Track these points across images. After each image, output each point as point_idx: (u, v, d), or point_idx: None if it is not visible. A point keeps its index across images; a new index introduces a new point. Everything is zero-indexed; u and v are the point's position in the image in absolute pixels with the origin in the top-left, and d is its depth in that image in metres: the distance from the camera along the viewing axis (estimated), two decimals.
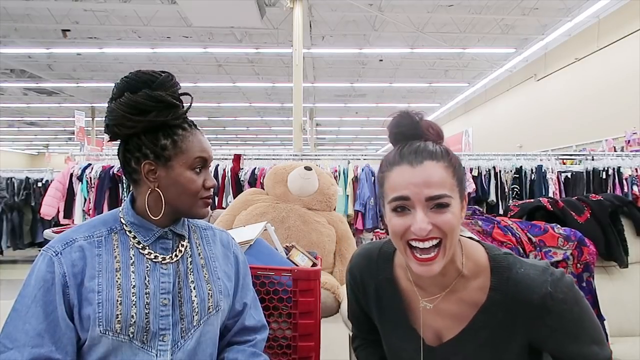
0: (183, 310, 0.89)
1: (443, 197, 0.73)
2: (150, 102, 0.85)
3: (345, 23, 8.89)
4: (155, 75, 0.87)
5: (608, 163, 4.72)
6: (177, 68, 11.51)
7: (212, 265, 0.98)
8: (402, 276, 0.88)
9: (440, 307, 0.83)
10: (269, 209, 2.22)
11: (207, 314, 0.92)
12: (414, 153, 0.76)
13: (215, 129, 20.07)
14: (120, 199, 4.43)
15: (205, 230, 1.03)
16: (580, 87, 8.92)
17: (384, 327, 0.90)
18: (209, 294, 0.93)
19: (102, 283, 0.84)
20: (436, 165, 0.75)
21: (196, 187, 0.90)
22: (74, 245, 0.86)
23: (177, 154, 0.88)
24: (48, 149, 24.92)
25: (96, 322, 0.81)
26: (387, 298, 0.89)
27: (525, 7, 8.12)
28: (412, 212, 0.74)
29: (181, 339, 0.88)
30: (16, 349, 0.77)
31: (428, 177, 0.73)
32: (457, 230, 0.76)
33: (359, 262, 0.95)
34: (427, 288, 0.84)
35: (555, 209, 1.81)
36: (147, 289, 0.87)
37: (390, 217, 0.77)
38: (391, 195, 0.76)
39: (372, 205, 4.58)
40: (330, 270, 2.27)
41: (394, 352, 0.89)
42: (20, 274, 5.16)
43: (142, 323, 0.84)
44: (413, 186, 0.73)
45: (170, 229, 0.93)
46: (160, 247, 0.92)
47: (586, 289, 1.57)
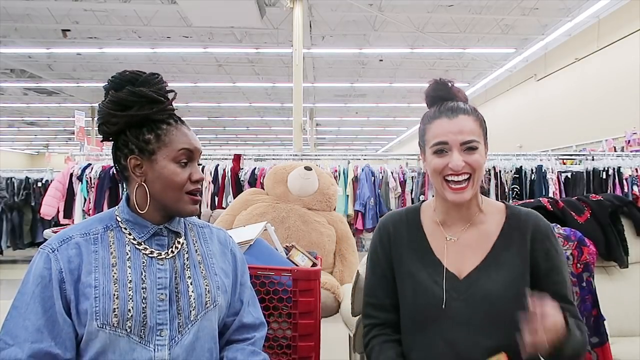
0: (180, 305, 0.90)
1: (473, 142, 0.95)
2: (132, 98, 0.88)
3: (345, 23, 8.89)
4: (138, 73, 0.92)
5: (608, 163, 4.72)
6: (177, 68, 11.51)
7: (210, 262, 0.99)
8: (428, 222, 1.06)
9: (463, 240, 1.01)
10: (269, 209, 2.22)
11: (204, 309, 0.93)
12: (450, 109, 0.98)
13: (215, 129, 20.06)
14: (120, 199, 4.43)
15: (202, 228, 1.04)
16: (580, 87, 8.92)
17: (412, 265, 1.02)
18: (206, 289, 0.94)
19: (99, 278, 0.85)
20: (468, 118, 0.96)
21: (180, 180, 0.90)
22: (70, 242, 0.87)
23: (161, 147, 0.90)
24: (48, 149, 24.92)
25: (93, 316, 0.82)
26: (415, 240, 1.05)
27: (525, 7, 8.12)
28: (449, 153, 0.95)
29: (178, 334, 0.89)
30: (17, 345, 0.79)
31: (462, 127, 0.95)
32: (483, 168, 0.97)
33: (391, 217, 1.11)
34: (452, 225, 1.03)
35: (555, 209, 1.80)
36: (144, 284, 0.88)
37: (431, 158, 0.98)
38: (433, 141, 0.97)
39: (372, 205, 4.58)
40: (330, 270, 2.27)
41: (419, 283, 0.99)
42: (20, 274, 5.13)
43: (139, 317, 0.85)
44: (451, 134, 0.95)
45: (165, 226, 0.94)
46: (156, 243, 0.93)
47: (586, 289, 1.57)
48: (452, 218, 1.03)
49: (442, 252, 1.01)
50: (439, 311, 0.94)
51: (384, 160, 6.68)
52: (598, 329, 1.51)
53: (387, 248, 1.07)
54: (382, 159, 6.75)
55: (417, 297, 0.98)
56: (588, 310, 1.54)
